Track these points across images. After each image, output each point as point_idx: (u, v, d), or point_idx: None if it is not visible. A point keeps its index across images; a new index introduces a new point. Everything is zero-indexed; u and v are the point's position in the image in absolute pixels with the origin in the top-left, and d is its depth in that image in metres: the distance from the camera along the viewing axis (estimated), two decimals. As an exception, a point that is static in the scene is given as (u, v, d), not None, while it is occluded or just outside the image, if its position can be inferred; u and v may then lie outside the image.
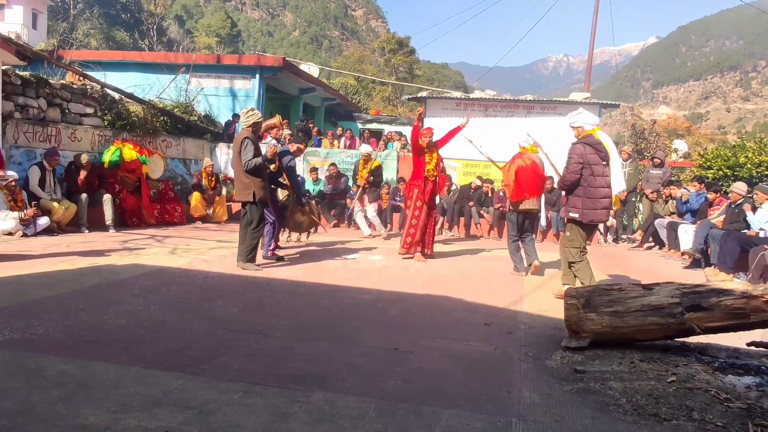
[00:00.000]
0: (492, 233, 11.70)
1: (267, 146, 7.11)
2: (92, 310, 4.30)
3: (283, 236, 8.18)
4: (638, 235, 10.85)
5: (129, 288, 5.15)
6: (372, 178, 10.07)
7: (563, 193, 6.36)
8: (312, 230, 8.83)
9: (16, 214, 7.72)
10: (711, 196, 8.93)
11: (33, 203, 8.04)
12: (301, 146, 7.80)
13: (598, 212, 5.49)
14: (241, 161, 6.23)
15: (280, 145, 7.40)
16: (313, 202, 8.54)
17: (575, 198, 5.55)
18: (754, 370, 3.47)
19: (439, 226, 11.90)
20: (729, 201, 8.42)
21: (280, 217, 7.41)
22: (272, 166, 6.76)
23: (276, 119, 7.30)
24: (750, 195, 8.39)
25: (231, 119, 14.22)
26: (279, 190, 7.42)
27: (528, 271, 7.19)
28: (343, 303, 5.08)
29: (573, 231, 5.63)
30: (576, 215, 5.51)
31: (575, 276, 5.62)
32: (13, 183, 7.88)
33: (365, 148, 10.34)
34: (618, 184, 5.58)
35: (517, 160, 6.99)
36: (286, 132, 8.96)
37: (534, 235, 7.62)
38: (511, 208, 7.29)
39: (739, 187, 8.27)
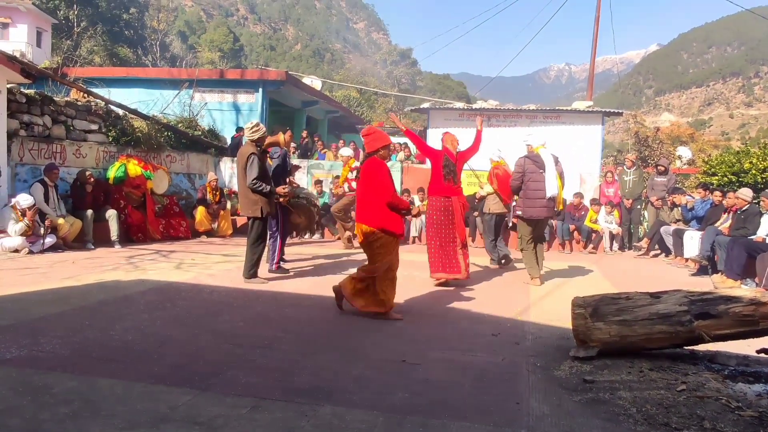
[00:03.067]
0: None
1: (277, 161, 7.12)
2: (98, 326, 4.30)
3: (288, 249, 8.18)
4: (644, 243, 10.81)
5: (135, 303, 5.15)
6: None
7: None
8: (311, 235, 8.81)
9: (20, 225, 7.75)
10: (727, 202, 8.82)
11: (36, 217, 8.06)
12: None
13: (536, 210, 6.78)
14: (246, 177, 6.21)
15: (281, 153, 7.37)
16: (314, 209, 8.49)
17: (520, 199, 7.01)
18: (765, 378, 3.45)
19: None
20: (736, 207, 8.37)
21: (284, 230, 7.40)
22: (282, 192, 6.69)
23: (279, 137, 7.15)
24: (756, 201, 8.35)
25: (236, 134, 14.26)
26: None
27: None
28: (349, 315, 5.07)
29: (520, 225, 7.10)
30: (520, 212, 7.01)
31: (527, 264, 6.99)
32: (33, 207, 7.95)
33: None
34: (551, 189, 6.67)
35: (495, 171, 8.34)
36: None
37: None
38: (484, 210, 8.79)
39: (745, 193, 8.22)
